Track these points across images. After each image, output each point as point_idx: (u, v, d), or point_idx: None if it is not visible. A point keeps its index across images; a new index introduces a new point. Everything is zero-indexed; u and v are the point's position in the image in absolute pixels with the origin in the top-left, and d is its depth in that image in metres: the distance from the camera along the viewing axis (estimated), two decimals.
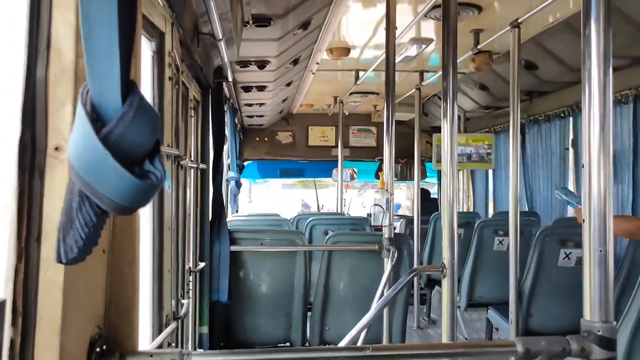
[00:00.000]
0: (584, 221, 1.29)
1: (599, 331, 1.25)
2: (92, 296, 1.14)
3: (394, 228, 3.43)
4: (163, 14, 1.69)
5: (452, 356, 1.45)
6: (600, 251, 1.26)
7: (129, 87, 0.77)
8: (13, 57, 1.01)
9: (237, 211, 6.32)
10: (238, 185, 5.99)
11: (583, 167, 1.29)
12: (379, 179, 7.49)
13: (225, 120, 5.38)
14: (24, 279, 0.96)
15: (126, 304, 1.28)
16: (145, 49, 1.75)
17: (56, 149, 0.97)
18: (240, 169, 6.30)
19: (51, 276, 0.97)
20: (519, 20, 3.67)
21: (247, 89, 5.19)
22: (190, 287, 2.76)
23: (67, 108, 0.97)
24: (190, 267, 2.78)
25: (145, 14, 1.55)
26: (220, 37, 2.30)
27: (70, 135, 0.77)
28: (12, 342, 0.92)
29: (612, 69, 4.05)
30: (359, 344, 2.69)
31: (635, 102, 4.13)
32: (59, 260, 0.81)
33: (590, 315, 1.27)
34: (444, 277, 2.32)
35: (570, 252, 3.63)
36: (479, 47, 4.31)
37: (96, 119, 0.75)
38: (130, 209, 0.78)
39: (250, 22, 3.17)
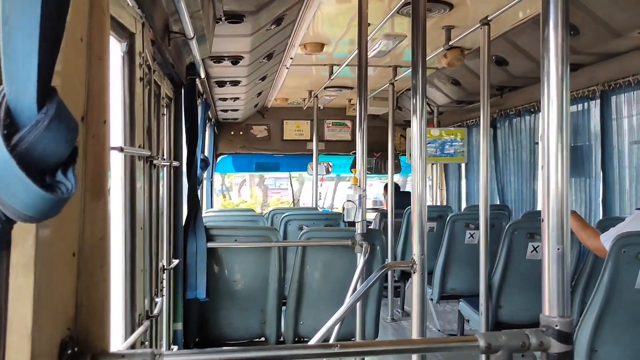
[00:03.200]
0: (542, 221, 1.34)
1: (556, 326, 1.31)
2: (62, 299, 1.15)
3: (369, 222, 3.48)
4: (133, 14, 1.69)
5: (417, 352, 1.50)
6: (558, 249, 1.31)
7: (48, 94, 0.75)
8: None
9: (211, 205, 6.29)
10: (198, 182, 5.91)
11: (542, 168, 1.34)
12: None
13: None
14: None
15: (97, 306, 1.29)
16: (116, 49, 1.75)
17: None
18: (207, 164, 6.19)
19: (21, 282, 0.98)
20: (488, 18, 3.73)
21: (221, 83, 5.17)
22: (164, 285, 2.77)
23: None
24: (164, 265, 2.78)
25: (114, 16, 1.55)
26: (192, 36, 2.30)
27: None
28: None
29: (577, 68, 4.12)
30: (332, 338, 2.73)
31: (602, 98, 4.24)
32: None
33: (548, 311, 1.33)
34: (414, 272, 2.37)
35: (538, 246, 3.72)
36: (450, 43, 4.37)
37: (9, 123, 0.73)
38: (36, 219, 0.77)
39: (223, 18, 3.17)
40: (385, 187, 7.23)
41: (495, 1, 3.60)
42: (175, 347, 3.12)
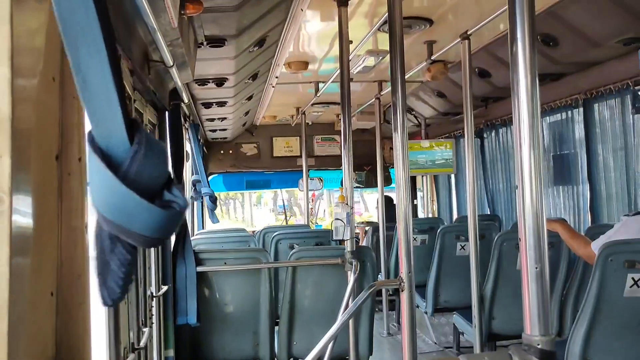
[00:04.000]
0: (520, 240, 1.35)
1: (538, 344, 1.31)
2: (41, 339, 1.15)
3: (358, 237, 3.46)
4: None
5: None
6: (536, 268, 1.32)
7: (134, 125, 0.79)
8: None
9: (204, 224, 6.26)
10: (212, 200, 5.94)
11: (517, 188, 1.35)
12: None
13: (189, 137, 5.37)
14: None
15: (78, 344, 1.29)
16: None
17: None
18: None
19: None
20: (468, 32, 3.77)
21: (207, 105, 5.19)
22: (154, 312, 2.75)
23: (5, 159, 0.98)
24: (152, 292, 2.77)
25: None
26: (171, 64, 2.31)
27: (90, 184, 0.80)
28: None
29: (559, 77, 4.14)
30: (326, 357, 2.73)
31: (585, 106, 4.28)
32: (105, 304, 0.84)
33: (530, 330, 1.33)
34: (402, 290, 2.37)
35: None
36: (432, 57, 4.40)
37: (110, 162, 0.77)
38: (161, 240, 0.82)
39: (204, 43, 3.19)
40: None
41: (474, 16, 3.65)
42: None
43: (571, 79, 4.28)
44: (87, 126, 1.37)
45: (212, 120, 6.18)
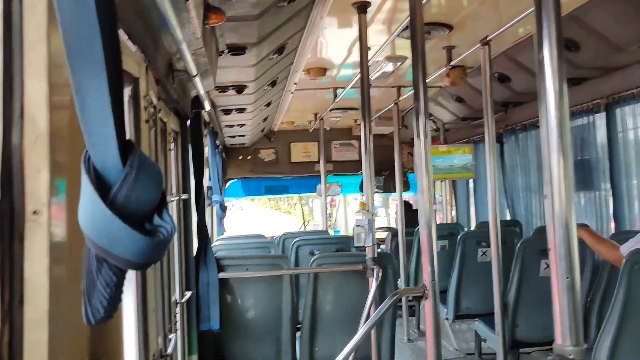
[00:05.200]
0: (549, 250, 1.34)
1: (570, 355, 1.30)
2: (78, 346, 1.17)
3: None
4: (136, 60, 1.73)
5: None
6: (567, 278, 1.31)
7: (128, 148, 0.81)
8: None
9: (222, 233, 6.31)
10: (223, 208, 5.98)
11: (546, 197, 1.34)
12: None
13: (206, 143, 5.41)
14: (9, 341, 0.98)
15: (112, 352, 1.31)
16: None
17: (34, 212, 1.00)
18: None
19: (36, 337, 0.99)
20: (488, 38, 3.76)
21: (227, 111, 5.22)
22: (178, 319, 2.77)
23: (43, 173, 1.01)
24: (176, 299, 2.79)
25: None
26: (195, 73, 2.33)
27: (79, 204, 0.81)
28: None
29: (580, 82, 4.09)
30: None
31: (607, 111, 4.23)
32: (88, 322, 0.86)
33: (561, 340, 1.32)
34: (426, 298, 2.36)
35: None
36: (452, 63, 4.39)
37: (101, 184, 0.79)
38: (146, 264, 0.83)
39: (225, 51, 3.22)
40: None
41: (494, 21, 3.63)
42: None
43: (593, 83, 4.24)
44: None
45: (231, 126, 6.22)
